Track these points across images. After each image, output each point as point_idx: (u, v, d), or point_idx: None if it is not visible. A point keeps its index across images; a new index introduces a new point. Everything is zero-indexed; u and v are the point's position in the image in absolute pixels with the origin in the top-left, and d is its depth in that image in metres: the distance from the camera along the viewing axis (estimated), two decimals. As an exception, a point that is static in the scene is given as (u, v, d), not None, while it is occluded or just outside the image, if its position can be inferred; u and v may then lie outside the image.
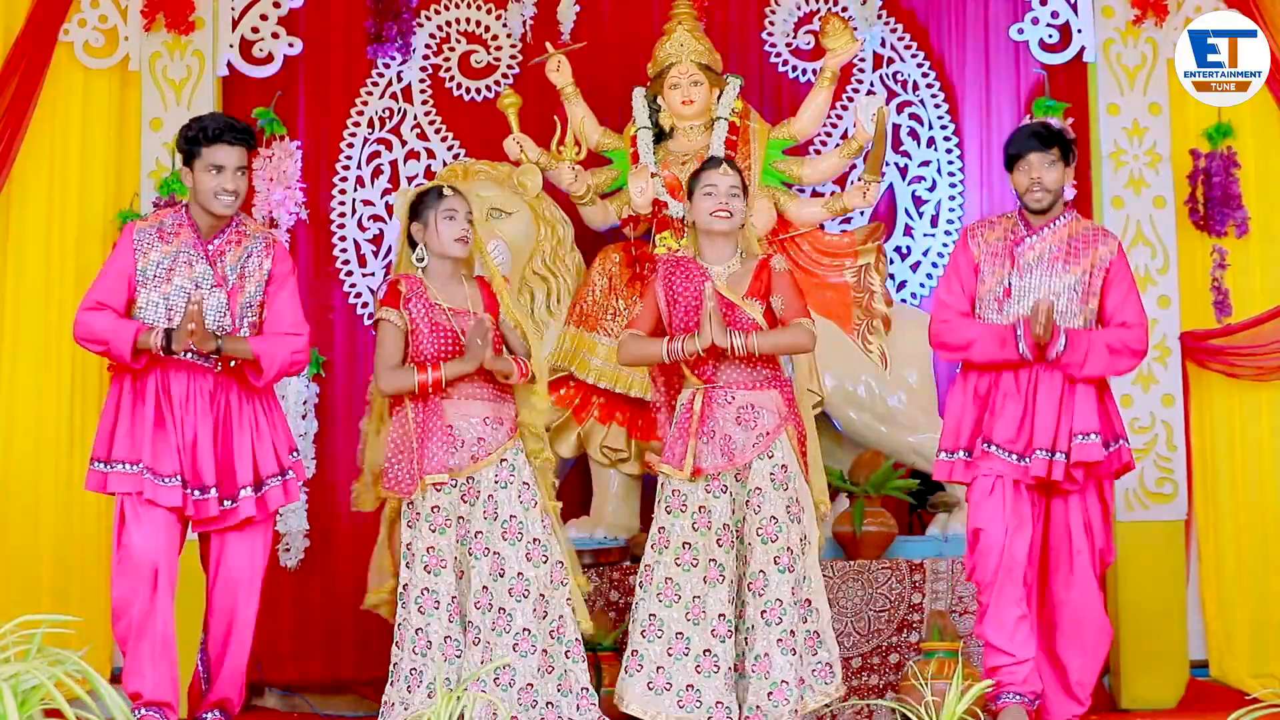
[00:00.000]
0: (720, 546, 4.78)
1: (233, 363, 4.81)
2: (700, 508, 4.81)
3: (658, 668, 4.78)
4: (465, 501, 4.83)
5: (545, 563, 4.79)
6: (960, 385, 5.17)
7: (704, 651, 4.75)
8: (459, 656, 4.79)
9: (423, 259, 4.94)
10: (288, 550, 6.52)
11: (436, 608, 4.81)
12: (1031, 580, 5.07)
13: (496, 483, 4.83)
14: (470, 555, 4.79)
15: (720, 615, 4.75)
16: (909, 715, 4.30)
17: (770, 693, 4.71)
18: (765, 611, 4.74)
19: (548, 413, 5.02)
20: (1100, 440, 4.99)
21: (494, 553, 4.78)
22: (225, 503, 4.77)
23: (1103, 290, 5.08)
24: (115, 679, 5.32)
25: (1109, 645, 5.23)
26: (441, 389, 4.83)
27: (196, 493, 4.74)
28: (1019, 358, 5.00)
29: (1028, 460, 4.96)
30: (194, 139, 4.79)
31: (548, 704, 4.74)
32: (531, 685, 4.73)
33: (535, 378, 4.93)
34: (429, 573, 4.81)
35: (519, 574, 4.77)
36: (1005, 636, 4.97)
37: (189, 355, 4.75)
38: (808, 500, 4.89)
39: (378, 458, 5.01)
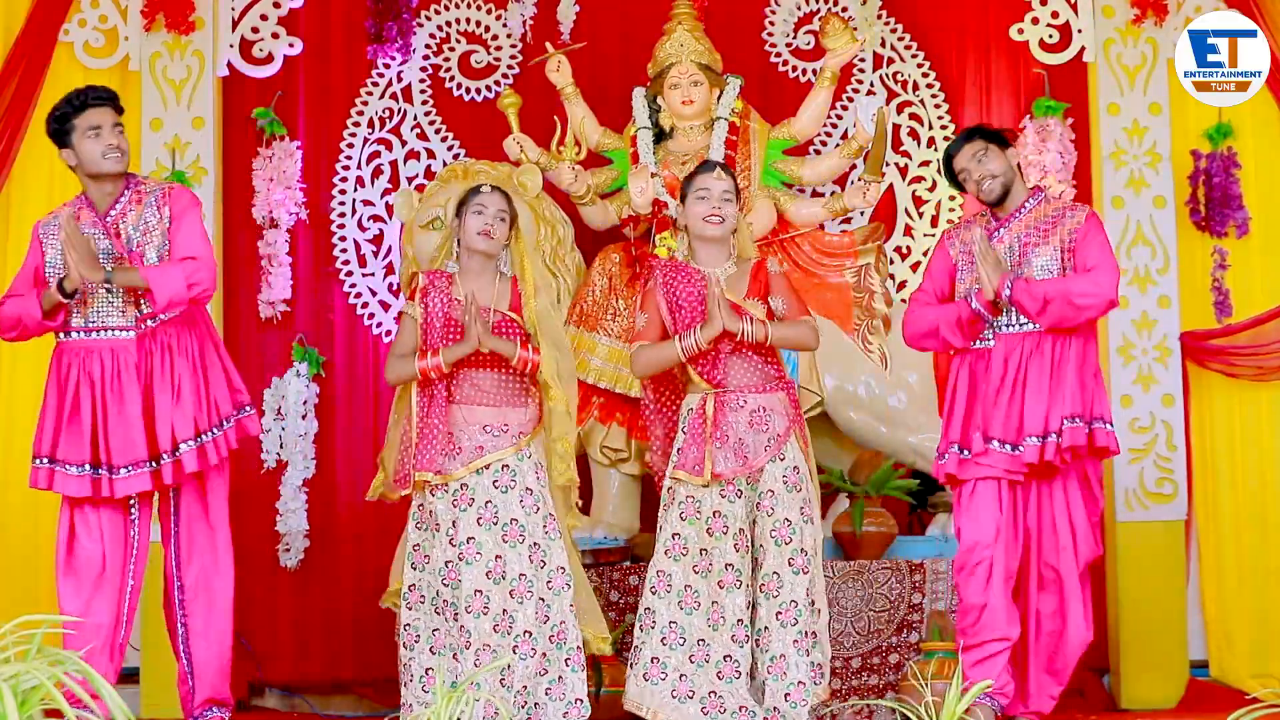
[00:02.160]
0: (736, 551, 4.77)
1: (149, 323, 4.87)
2: (715, 513, 4.80)
3: (680, 675, 4.77)
4: (456, 507, 4.81)
5: (544, 567, 4.78)
6: (951, 387, 5.21)
7: (724, 657, 4.74)
8: (445, 649, 4.79)
9: (457, 253, 4.96)
10: (288, 550, 6.52)
11: (422, 602, 4.83)
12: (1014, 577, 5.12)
13: (495, 487, 4.81)
14: (461, 560, 4.77)
15: (739, 621, 4.75)
16: (909, 715, 4.30)
17: (787, 694, 4.70)
18: (781, 613, 4.74)
19: (571, 426, 4.97)
20: (1083, 423, 5.02)
21: (494, 556, 4.76)
22: (151, 464, 4.83)
23: (1072, 254, 5.10)
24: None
25: (1084, 649, 5.23)
26: (442, 373, 4.81)
27: (125, 470, 4.81)
28: (975, 316, 5.06)
29: (1020, 448, 4.99)
30: (63, 115, 4.91)
31: (535, 705, 4.74)
32: (526, 687, 4.73)
33: (548, 382, 4.86)
34: (432, 574, 4.82)
35: (520, 575, 4.75)
36: (979, 640, 5.03)
37: (116, 325, 4.85)
38: (814, 501, 4.89)
39: (388, 453, 5.02)
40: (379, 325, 6.77)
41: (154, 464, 4.84)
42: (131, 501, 4.92)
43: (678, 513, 4.84)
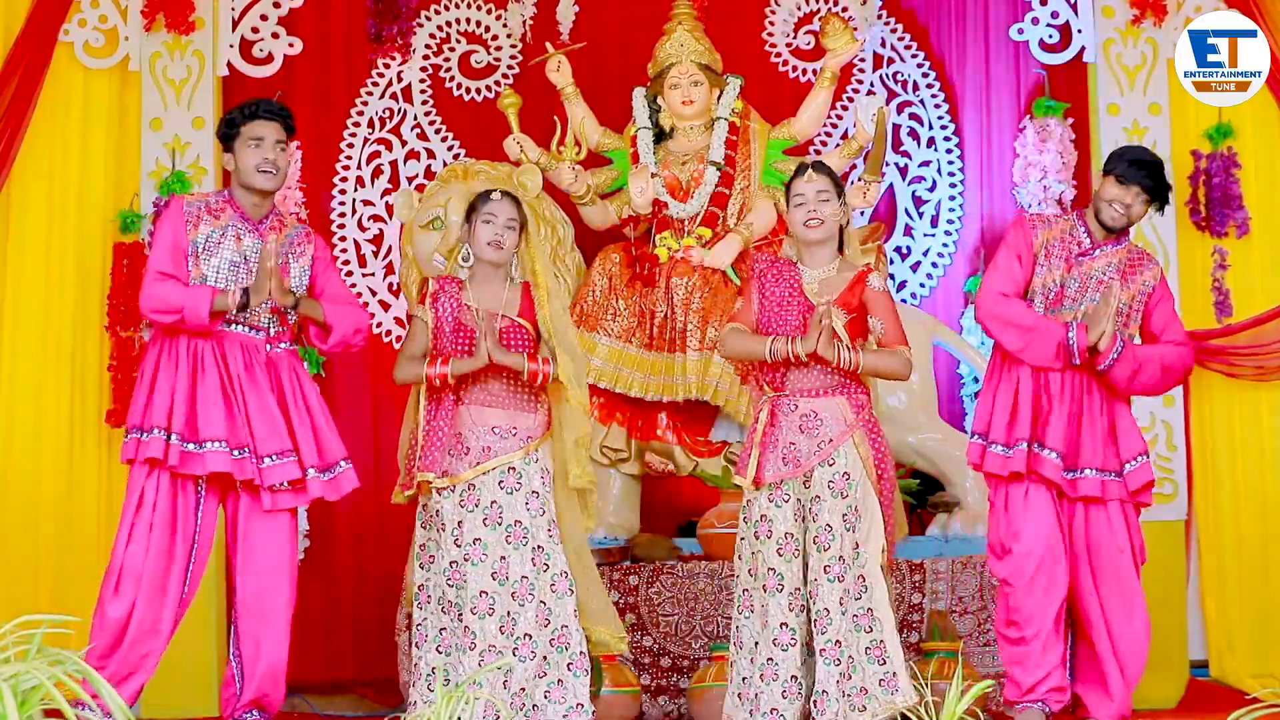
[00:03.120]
0: (780, 556, 4.76)
1: (281, 346, 4.88)
2: (762, 516, 4.80)
3: (743, 678, 4.81)
4: (463, 507, 4.81)
5: (546, 570, 4.78)
6: (1003, 376, 5.13)
7: (767, 660, 4.75)
8: (453, 649, 4.80)
9: (468, 259, 4.94)
10: (288, 550, 6.52)
11: (429, 601, 4.83)
12: (1066, 584, 5.09)
13: (501, 488, 4.80)
14: (467, 561, 4.78)
15: (782, 624, 4.73)
16: (909, 715, 4.30)
17: (815, 701, 4.72)
18: (817, 620, 4.74)
19: (586, 429, 4.96)
20: (1148, 460, 5.08)
21: (499, 558, 4.76)
22: (271, 460, 4.82)
23: (1145, 312, 5.14)
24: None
25: (1149, 640, 5.23)
26: (449, 384, 4.82)
27: (270, 459, 4.81)
28: (1065, 361, 5.01)
29: (1076, 474, 4.99)
30: (232, 120, 4.95)
31: (534, 707, 4.74)
32: (524, 689, 4.73)
33: (562, 384, 4.85)
34: (442, 574, 4.82)
35: (523, 577, 4.75)
36: (1039, 655, 5.03)
37: (251, 324, 4.85)
38: (871, 508, 4.79)
39: (402, 455, 5.04)
40: (379, 325, 6.77)
41: (298, 461, 4.84)
42: (200, 491, 4.88)
43: (743, 516, 4.88)
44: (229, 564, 4.98)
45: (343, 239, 6.79)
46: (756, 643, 4.77)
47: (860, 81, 6.95)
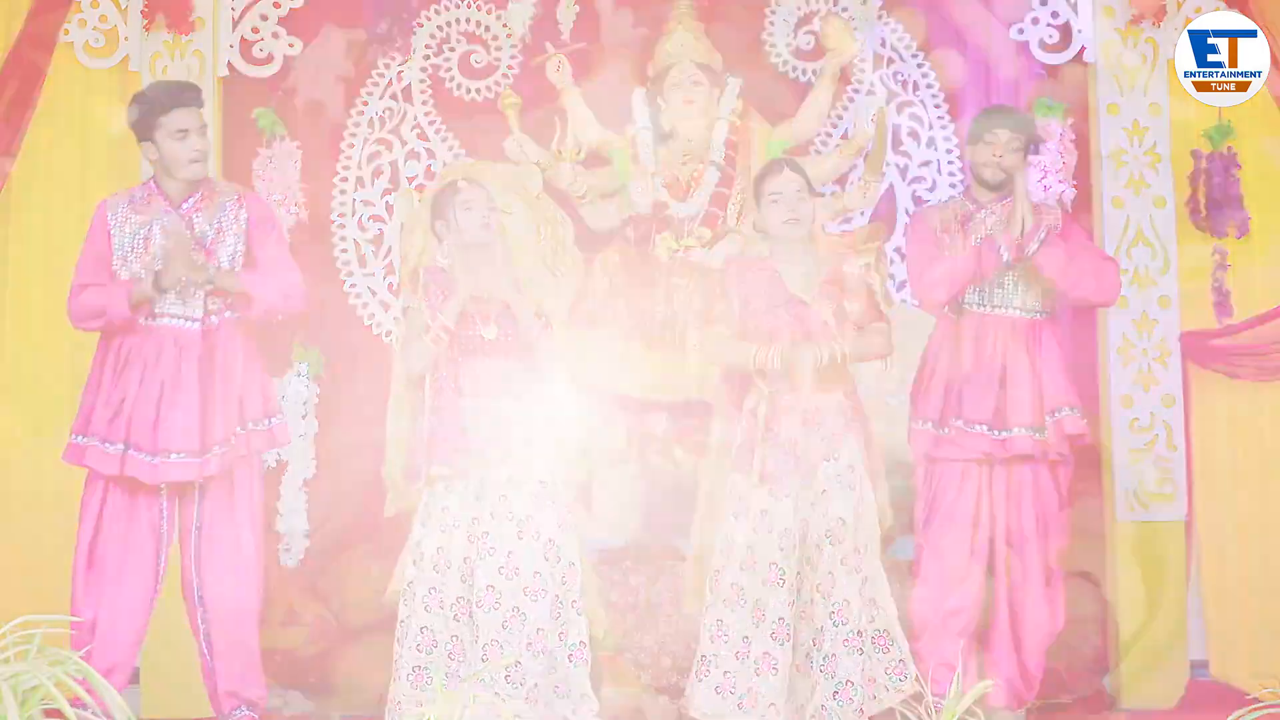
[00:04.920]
0: (781, 550, 4.79)
1: (213, 318, 4.84)
2: (762, 511, 4.82)
3: (724, 672, 4.81)
4: (479, 501, 4.82)
5: (559, 562, 4.79)
6: (928, 358, 5.25)
7: (763, 654, 4.77)
8: (435, 647, 4.80)
9: (449, 255, 4.96)
10: (288, 550, 6.51)
11: (442, 607, 4.81)
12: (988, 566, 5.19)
13: (509, 482, 4.82)
14: (476, 555, 4.78)
15: (780, 618, 4.76)
16: (909, 715, 4.30)
17: (836, 692, 4.72)
18: (834, 612, 4.75)
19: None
20: (1079, 412, 5.07)
21: (507, 552, 4.77)
22: (177, 456, 4.82)
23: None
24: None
25: (1052, 639, 5.25)
26: (449, 329, 4.83)
27: (177, 455, 4.78)
28: (997, 264, 5.13)
29: (1004, 434, 5.03)
30: (150, 110, 4.90)
31: (546, 704, 4.74)
32: (537, 685, 4.74)
33: None
34: (436, 572, 4.82)
35: (535, 573, 4.76)
36: (942, 645, 5.08)
37: (184, 314, 4.80)
38: (868, 500, 4.88)
39: (393, 458, 5.05)
40: (379, 325, 6.77)
41: (198, 457, 4.81)
42: (162, 490, 4.87)
43: (731, 511, 4.87)
44: (183, 560, 4.95)
45: (343, 239, 6.78)
46: (745, 636, 4.78)
47: (860, 81, 6.94)
